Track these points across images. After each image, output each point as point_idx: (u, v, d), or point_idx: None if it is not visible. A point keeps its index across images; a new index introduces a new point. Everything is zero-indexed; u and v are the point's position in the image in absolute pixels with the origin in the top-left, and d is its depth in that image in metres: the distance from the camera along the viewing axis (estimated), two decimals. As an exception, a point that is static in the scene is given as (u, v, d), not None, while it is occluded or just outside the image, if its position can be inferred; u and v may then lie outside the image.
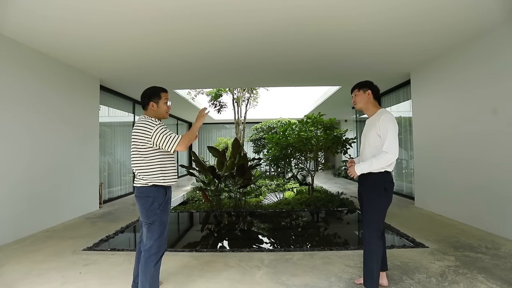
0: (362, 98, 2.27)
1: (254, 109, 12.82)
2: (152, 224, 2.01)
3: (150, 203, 2.00)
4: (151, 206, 2.00)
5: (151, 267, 1.98)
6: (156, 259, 2.00)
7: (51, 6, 2.97)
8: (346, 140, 5.50)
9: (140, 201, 2.03)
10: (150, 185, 2.01)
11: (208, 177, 5.46)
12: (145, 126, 1.98)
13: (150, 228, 2.01)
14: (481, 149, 3.81)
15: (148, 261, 1.98)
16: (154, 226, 2.01)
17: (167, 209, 2.10)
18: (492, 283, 2.33)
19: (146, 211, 2.00)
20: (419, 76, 5.30)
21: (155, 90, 2.14)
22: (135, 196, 2.07)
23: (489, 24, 3.50)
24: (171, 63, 4.95)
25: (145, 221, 2.03)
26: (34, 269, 2.73)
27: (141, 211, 2.03)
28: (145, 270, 1.97)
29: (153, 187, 2.02)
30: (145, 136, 1.97)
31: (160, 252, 2.03)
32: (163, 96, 2.14)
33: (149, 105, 2.11)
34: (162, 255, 2.06)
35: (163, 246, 2.07)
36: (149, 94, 2.12)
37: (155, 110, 2.12)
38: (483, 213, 3.77)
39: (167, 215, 2.10)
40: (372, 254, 2.07)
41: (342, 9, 3.16)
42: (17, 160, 3.77)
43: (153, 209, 2.00)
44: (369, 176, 2.13)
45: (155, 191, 2.02)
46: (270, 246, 3.48)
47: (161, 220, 2.03)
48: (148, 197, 2.01)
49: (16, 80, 3.76)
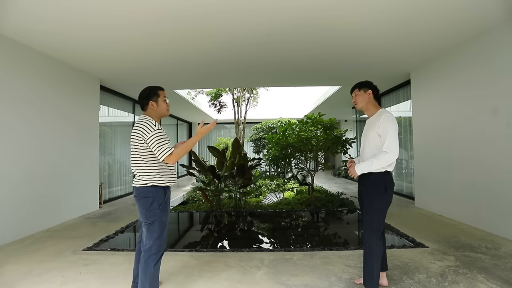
0: (363, 98, 2.26)
1: (254, 109, 12.83)
2: (151, 224, 2.01)
3: (150, 204, 2.00)
4: (150, 206, 2.00)
5: (151, 267, 1.98)
6: (156, 259, 2.00)
7: (49, 7, 2.97)
8: (346, 140, 5.50)
9: (140, 202, 2.03)
10: (150, 186, 2.01)
11: (208, 177, 5.46)
12: (143, 128, 1.97)
13: (149, 228, 2.01)
14: (481, 149, 3.81)
15: (148, 261, 1.98)
16: (153, 226, 2.01)
17: (166, 209, 2.10)
18: (492, 283, 2.33)
19: (145, 211, 2.01)
20: (419, 76, 5.30)
21: (152, 89, 2.13)
22: (134, 197, 2.07)
23: (489, 24, 3.50)
24: (171, 63, 4.95)
25: (144, 221, 2.03)
26: (34, 269, 2.73)
27: (141, 211, 2.03)
28: (145, 270, 1.98)
29: (152, 187, 2.01)
30: (142, 138, 1.98)
31: (159, 252, 2.03)
32: (161, 94, 2.14)
33: (148, 105, 2.10)
34: (162, 255, 2.06)
35: (163, 246, 2.07)
36: (147, 94, 2.11)
37: (155, 109, 2.11)
38: (483, 213, 3.77)
39: (166, 215, 2.10)
40: (372, 254, 2.07)
41: (342, 10, 3.16)
42: (19, 160, 3.78)
43: (152, 209, 2.00)
44: (369, 176, 2.13)
45: (154, 191, 2.02)
46: (270, 246, 3.48)
47: (161, 220, 2.03)
48: (148, 197, 2.00)
49: (16, 79, 3.76)
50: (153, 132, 1.97)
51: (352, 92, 2.35)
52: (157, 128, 2.00)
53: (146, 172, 2.01)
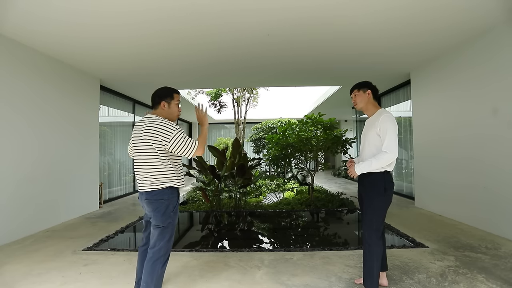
0: (362, 98, 2.27)
1: (254, 109, 12.84)
2: (166, 227, 1.98)
3: (165, 206, 1.97)
4: (166, 209, 1.97)
5: (159, 268, 1.97)
6: (163, 261, 1.99)
7: (47, 7, 2.96)
8: (346, 140, 5.50)
9: (154, 205, 1.96)
10: (166, 187, 1.97)
11: (208, 177, 5.46)
12: (165, 129, 1.92)
13: (162, 231, 1.98)
14: (481, 149, 3.81)
15: (157, 262, 1.96)
16: (167, 229, 1.98)
17: (177, 211, 2.09)
18: (492, 283, 2.33)
19: (161, 215, 1.96)
20: (419, 76, 5.30)
21: (168, 90, 2.09)
22: (145, 200, 1.99)
23: (489, 24, 3.50)
24: (172, 63, 4.95)
25: (159, 224, 1.97)
26: (34, 269, 2.73)
27: (155, 215, 1.97)
28: (152, 272, 1.95)
29: (168, 189, 1.98)
30: (163, 139, 1.92)
31: (168, 253, 2.03)
32: (176, 97, 2.10)
33: (160, 105, 2.05)
34: (169, 256, 2.06)
35: (171, 247, 2.07)
36: (161, 94, 2.07)
37: (166, 110, 2.06)
38: (483, 213, 3.77)
39: (177, 217, 2.10)
40: (372, 254, 2.07)
41: (343, 10, 3.15)
42: (22, 161, 3.81)
43: (168, 212, 1.98)
44: (369, 176, 2.13)
45: (169, 193, 1.98)
46: (270, 246, 3.48)
47: (174, 223, 2.03)
48: (163, 200, 1.96)
49: (15, 78, 3.76)
50: (175, 132, 1.93)
51: (351, 92, 2.35)
52: (177, 127, 1.96)
53: (163, 174, 1.96)
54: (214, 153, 5.22)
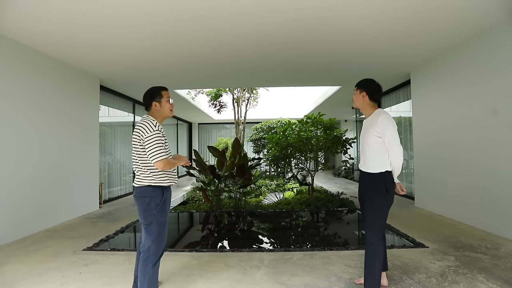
0: (357, 98, 2.30)
1: (254, 109, 12.83)
2: (149, 225, 2.00)
3: (147, 204, 1.99)
4: (147, 206, 1.99)
5: (150, 268, 1.98)
6: (154, 260, 2.00)
7: (45, 8, 2.96)
8: (346, 140, 5.50)
9: (137, 201, 2.03)
10: (146, 185, 2.00)
11: (208, 177, 5.46)
12: (143, 128, 1.98)
13: (148, 229, 2.00)
14: (481, 150, 3.81)
15: (147, 261, 1.98)
16: (151, 227, 2.00)
17: (164, 210, 2.07)
18: (492, 283, 2.33)
19: (143, 211, 2.00)
20: (419, 76, 5.30)
21: (155, 89, 2.14)
22: (133, 196, 2.08)
23: (489, 24, 3.50)
24: (172, 64, 4.96)
25: (142, 221, 2.03)
26: (34, 269, 2.73)
27: (138, 211, 2.03)
28: (144, 271, 1.97)
29: (149, 187, 2.01)
30: (140, 137, 1.98)
31: (158, 253, 2.03)
32: (165, 95, 2.14)
33: (152, 106, 2.10)
34: (160, 256, 2.06)
35: (162, 247, 2.06)
36: (150, 95, 2.12)
37: (158, 109, 2.12)
38: (483, 213, 3.77)
39: (165, 215, 2.08)
40: (375, 255, 2.07)
41: (343, 10, 3.15)
42: (24, 161, 3.82)
43: (149, 209, 1.99)
44: (370, 176, 2.13)
45: (151, 191, 2.01)
46: (270, 246, 3.48)
47: (159, 221, 2.02)
48: (145, 197, 2.00)
49: (17, 78, 3.76)
50: (151, 133, 1.96)
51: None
52: (156, 130, 1.98)
53: (143, 172, 2.01)
54: (214, 153, 5.22)
